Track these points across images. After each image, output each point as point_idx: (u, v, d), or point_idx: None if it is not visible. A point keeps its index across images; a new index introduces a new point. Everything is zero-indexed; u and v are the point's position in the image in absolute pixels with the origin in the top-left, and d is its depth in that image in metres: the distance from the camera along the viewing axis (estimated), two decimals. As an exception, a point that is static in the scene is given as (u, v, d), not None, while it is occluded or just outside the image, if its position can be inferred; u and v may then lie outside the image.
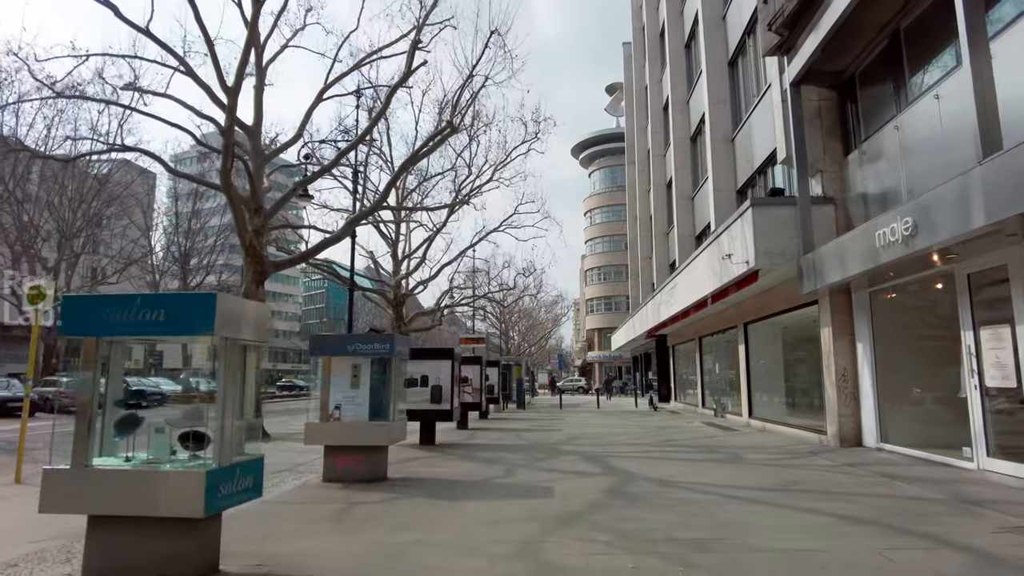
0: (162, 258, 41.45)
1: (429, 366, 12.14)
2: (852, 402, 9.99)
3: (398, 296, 29.26)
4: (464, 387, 16.01)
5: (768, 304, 13.45)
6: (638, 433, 14.13)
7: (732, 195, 16.09)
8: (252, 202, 16.04)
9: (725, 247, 12.02)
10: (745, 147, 15.51)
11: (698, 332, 20.33)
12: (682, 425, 16.15)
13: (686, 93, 21.94)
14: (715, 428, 14.88)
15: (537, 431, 15.01)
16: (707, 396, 20.01)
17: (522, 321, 57.30)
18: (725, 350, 17.89)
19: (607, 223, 65.02)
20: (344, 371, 8.33)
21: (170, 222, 42.15)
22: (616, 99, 67.07)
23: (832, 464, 8.49)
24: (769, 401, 14.30)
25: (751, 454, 9.91)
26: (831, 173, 10.62)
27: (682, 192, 21.43)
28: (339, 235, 15.80)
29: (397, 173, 15.60)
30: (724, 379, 18.09)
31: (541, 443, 12.12)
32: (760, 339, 14.89)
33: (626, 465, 8.84)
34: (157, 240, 42.08)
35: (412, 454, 10.73)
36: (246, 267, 15.77)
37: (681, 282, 17.04)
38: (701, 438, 12.78)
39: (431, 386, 12.05)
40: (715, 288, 13.26)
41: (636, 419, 18.94)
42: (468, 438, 13.41)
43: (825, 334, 10.47)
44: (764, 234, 10.42)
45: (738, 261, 11.05)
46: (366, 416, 8.19)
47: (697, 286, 15.13)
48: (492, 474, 8.41)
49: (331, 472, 8.09)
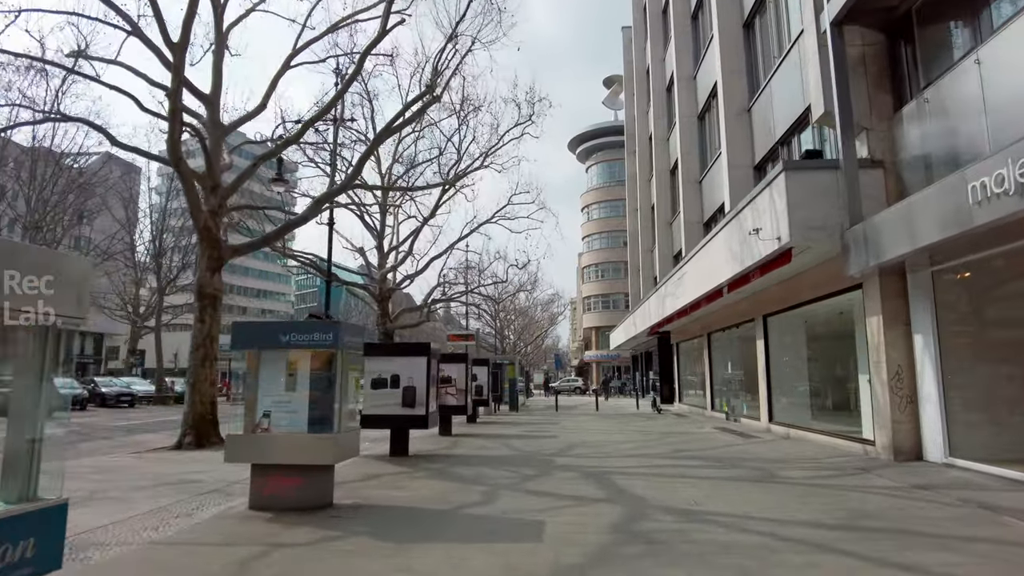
0: (144, 253, 39.56)
1: (401, 364, 10.33)
2: (909, 406, 8.22)
3: (383, 291, 27.45)
4: (446, 388, 14.23)
5: (793, 292, 11.69)
6: (644, 441, 12.35)
7: (749, 172, 14.32)
8: (208, 179, 14.22)
9: (749, 223, 10.24)
10: (764, 117, 13.75)
11: (707, 328, 18.57)
12: (692, 431, 14.38)
13: (692, 68, 20.17)
14: (731, 434, 13.12)
15: (529, 438, 13.22)
16: (717, 398, 18.24)
17: (518, 320, 55.56)
18: (739, 347, 16.13)
19: (605, 219, 63.28)
20: (277, 369, 6.52)
21: (147, 216, 40.28)
22: (614, 92, 65.38)
23: (897, 486, 6.72)
24: (794, 404, 12.53)
25: (786, 469, 8.13)
26: (879, 132, 8.85)
27: (689, 175, 19.67)
28: (306, 215, 13.99)
29: (372, 145, 13.81)
30: (738, 379, 16.33)
31: (532, 454, 10.32)
32: (783, 333, 13.13)
33: (635, 486, 7.04)
34: (138, 236, 40.18)
35: (377, 469, 8.93)
36: (200, 252, 13.95)
37: (690, 271, 15.27)
38: (718, 447, 11.00)
39: (403, 388, 10.24)
40: (734, 274, 11.48)
41: (639, 423, 17.17)
42: (449, 447, 11.62)
43: (872, 325, 8.70)
44: (800, 204, 8.65)
45: (767, 237, 9.27)
46: (304, 426, 6.38)
47: (710, 274, 13.36)
48: (467, 500, 6.60)
49: (258, 498, 6.29)
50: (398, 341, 26.91)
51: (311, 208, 13.89)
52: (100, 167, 38.01)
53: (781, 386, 13.17)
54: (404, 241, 28.00)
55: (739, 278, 11.61)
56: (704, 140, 19.35)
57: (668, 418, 19.04)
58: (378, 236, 28.12)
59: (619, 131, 60.44)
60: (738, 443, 11.54)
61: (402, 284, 28.39)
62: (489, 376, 18.42)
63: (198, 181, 14.06)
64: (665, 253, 24.12)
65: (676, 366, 24.49)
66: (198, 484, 7.74)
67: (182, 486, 7.65)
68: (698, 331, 19.69)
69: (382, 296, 27.47)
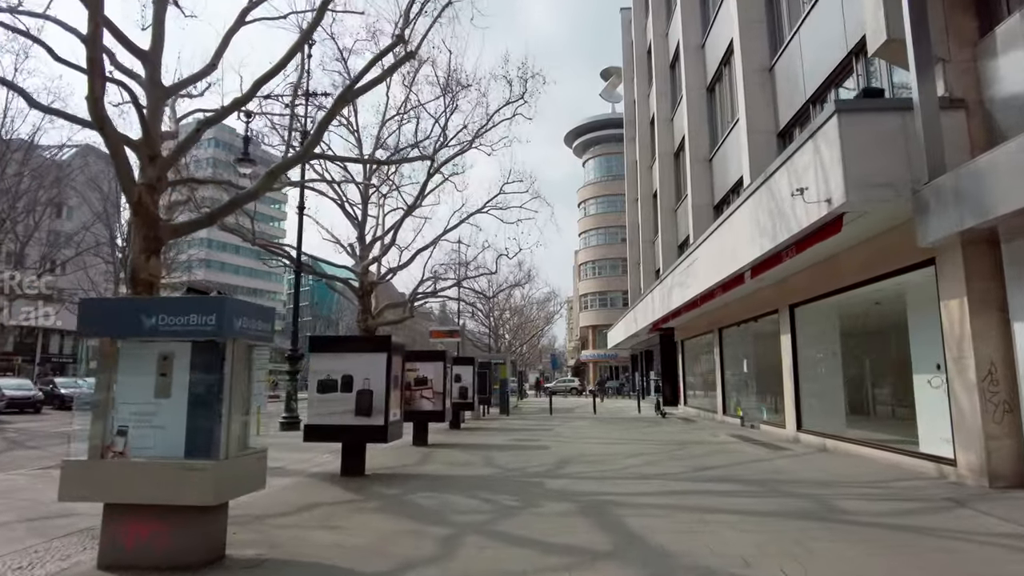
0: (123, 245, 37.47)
1: (354, 362, 8.33)
2: (1007, 416, 6.27)
3: (365, 285, 25.43)
4: (421, 391, 12.25)
5: (829, 276, 9.76)
6: (653, 454, 10.39)
7: (772, 139, 12.40)
8: (145, 147, 12.19)
9: (785, 188, 8.30)
10: (790, 74, 11.83)
11: (717, 322, 16.64)
12: (706, 440, 12.42)
13: (700, 36, 18.26)
14: (753, 445, 11.17)
15: (517, 449, 11.25)
16: (731, 401, 16.30)
17: (513, 318, 53.59)
18: (759, 343, 14.20)
19: (602, 214, 61.37)
20: (142, 367, 4.54)
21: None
22: (612, 84, 63.56)
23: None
24: (829, 410, 10.59)
25: (850, 499, 6.17)
26: (959, 64, 6.92)
27: (697, 154, 17.74)
28: (256, 189, 11.95)
29: (335, 106, 11.77)
30: (756, 380, 14.40)
31: (517, 474, 8.35)
32: (815, 326, 11.19)
33: (653, 529, 5.08)
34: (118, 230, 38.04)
35: (318, 494, 6.97)
36: (135, 232, 11.93)
37: (703, 256, 13.33)
38: (743, 463, 9.05)
39: (356, 392, 8.26)
40: (762, 253, 9.54)
41: (643, 429, 15.21)
42: (419, 463, 9.64)
43: (952, 311, 6.75)
44: (858, 155, 6.71)
45: (813, 200, 7.32)
46: (180, 449, 4.41)
47: (729, 257, 11.43)
48: (415, 553, 4.62)
49: (112, 551, 4.35)
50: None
51: (263, 181, 11.85)
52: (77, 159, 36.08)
53: (813, 388, 11.23)
54: (387, 232, 26.01)
55: (768, 258, 9.67)
56: (714, 114, 17.42)
57: (674, 423, 17.08)
58: (359, 226, 26.10)
59: (617, 124, 58.53)
60: (767, 457, 9.59)
61: (385, 277, 26.36)
62: (475, 376, 16.45)
63: (132, 149, 12.06)
64: (669, 242, 22.17)
65: (681, 366, 22.55)
66: (78, 518, 5.75)
67: (52, 521, 5.71)
68: (707, 327, 17.76)
69: (363, 291, 25.44)
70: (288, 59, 12.34)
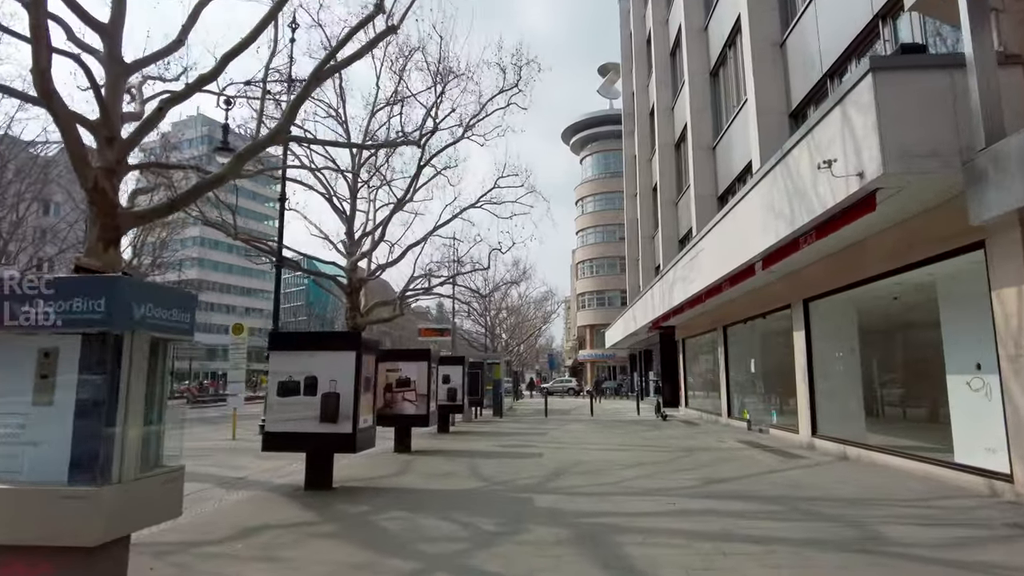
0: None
1: (319, 362, 7.37)
2: (1077, 424, 5.34)
3: (353, 282, 24.43)
4: (403, 393, 11.28)
5: (850, 266, 8.83)
6: (656, 463, 9.43)
7: (783, 119, 11.47)
8: (103, 128, 11.22)
9: (806, 163, 7.36)
10: (804, 48, 10.90)
11: (722, 320, 15.70)
12: (712, 446, 11.47)
13: (703, 17, 17.35)
14: (764, 451, 10.23)
15: (506, 457, 10.29)
16: (736, 403, 15.36)
17: (510, 318, 52.62)
18: (768, 341, 13.27)
19: (600, 212, 60.44)
20: (15, 366, 3.57)
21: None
22: (610, 80, 62.67)
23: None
24: (849, 413, 9.64)
25: (893, 523, 5.21)
26: (1016, 15, 5.98)
27: (700, 141, 16.80)
28: (224, 173, 10.95)
29: (309, 82, 10.78)
30: (765, 380, 13.46)
31: (503, 488, 7.38)
32: (832, 321, 10.26)
33: (663, 561, 4.12)
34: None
35: (271, 512, 6.00)
36: (91, 220, 10.95)
37: (709, 248, 12.38)
38: (760, 474, 8.09)
39: (321, 395, 7.30)
40: (777, 240, 8.59)
41: (644, 433, 14.26)
42: (396, 473, 8.68)
43: (1007, 300, 5.81)
44: (898, 119, 5.76)
45: (842, 174, 6.37)
46: (63, 470, 3.43)
47: (738, 247, 10.49)
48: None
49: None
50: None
51: (231, 164, 10.85)
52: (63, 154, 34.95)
53: (830, 390, 10.29)
54: (378, 226, 25.01)
55: (784, 246, 8.73)
56: (718, 99, 16.49)
57: (676, 427, 16.14)
58: (347, 221, 25.10)
59: (615, 120, 57.59)
60: (782, 467, 8.64)
61: (374, 274, 25.37)
62: (465, 377, 15.48)
63: (89, 130, 11.07)
64: (669, 237, 21.23)
65: (682, 366, 21.61)
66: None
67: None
68: (710, 324, 16.82)
69: (352, 288, 24.45)
70: (259, 31, 11.32)
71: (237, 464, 10.00)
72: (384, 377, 11.38)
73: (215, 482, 8.11)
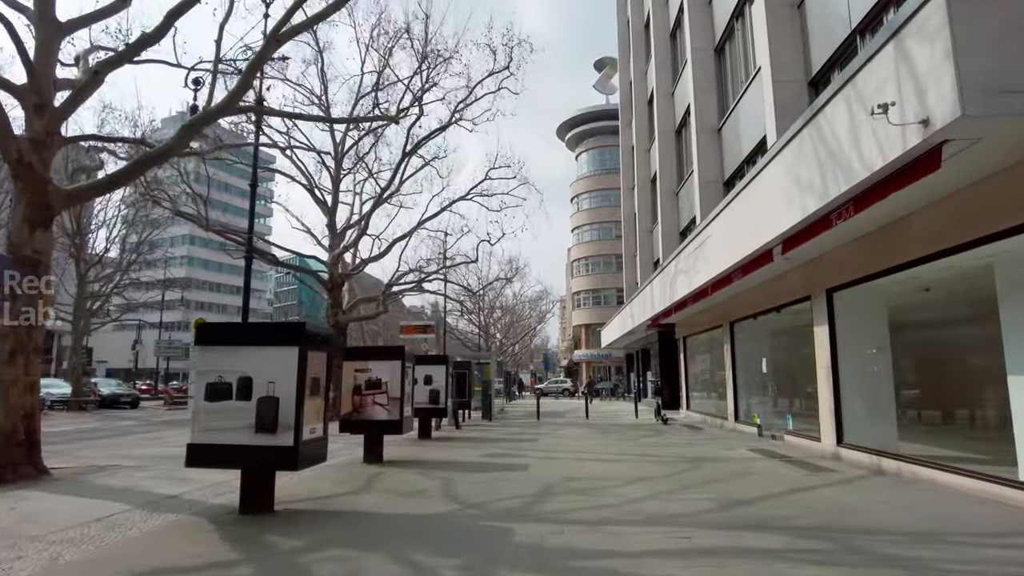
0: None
1: (256, 359, 6.06)
2: None
3: (335, 277, 23.09)
4: (374, 396, 9.97)
5: (887, 247, 7.58)
6: (662, 478, 8.14)
7: (802, 88, 10.23)
8: (31, 95, 9.88)
9: (839, 124, 6.09)
10: (824, 7, 9.65)
11: (728, 315, 14.44)
12: (723, 455, 10.20)
13: (708, -11, 16.10)
14: (784, 463, 8.96)
15: (489, 469, 8.98)
16: (745, 406, 14.10)
17: (504, 317, 51.37)
18: (782, 337, 12.03)
19: (596, 209, 59.22)
20: None
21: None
22: (606, 75, 61.49)
23: None
24: (882, 419, 8.38)
25: (984, 568, 3.95)
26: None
27: (704, 124, 15.55)
28: (169, 147, 9.63)
29: (267, 45, 9.50)
30: (779, 381, 12.20)
31: (478, 514, 6.08)
32: (863, 315, 9.01)
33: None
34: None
35: (185, 547, 4.70)
36: (16, 197, 9.61)
37: (717, 234, 11.12)
38: (787, 494, 6.81)
39: (257, 400, 5.99)
40: (804, 217, 7.32)
41: (644, 440, 12.98)
42: (358, 489, 7.37)
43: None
44: (979, 48, 4.51)
45: (899, 122, 5.09)
46: None
47: (751, 231, 9.23)
48: None
49: None
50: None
51: (179, 135, 9.56)
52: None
53: (860, 393, 9.03)
54: (364, 218, 23.67)
55: (812, 224, 7.46)
56: (724, 77, 15.25)
57: (678, 432, 14.86)
58: (329, 212, 23.76)
59: (611, 115, 56.41)
60: (810, 483, 7.36)
61: (357, 269, 24.03)
62: (449, 378, 14.14)
63: (15, 96, 9.75)
64: (670, 230, 19.98)
65: (683, 366, 20.34)
66: None
67: None
68: (715, 320, 15.56)
69: (333, 283, 23.11)
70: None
71: (181, 476, 8.66)
72: (352, 378, 10.10)
73: (140, 502, 6.80)
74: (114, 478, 8.61)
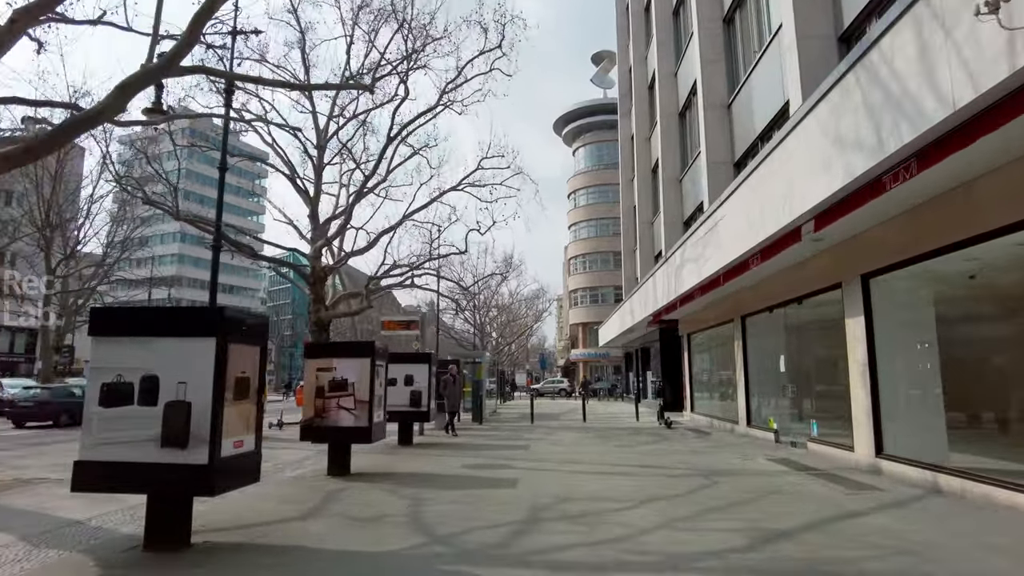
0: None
1: (163, 354, 4.74)
2: None
3: (317, 271, 21.71)
4: (339, 399, 8.65)
5: (938, 225, 6.28)
6: (675, 498, 6.80)
7: (830, 44, 8.92)
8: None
9: (901, 57, 4.79)
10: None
11: (740, 308, 13.15)
12: (740, 467, 8.89)
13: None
14: (815, 478, 7.66)
15: (469, 486, 7.65)
16: (759, 408, 12.80)
17: (500, 316, 49.98)
18: (803, 332, 10.72)
19: (593, 205, 57.91)
20: None
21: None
22: (604, 68, 60.28)
23: None
24: (933, 426, 7.07)
25: None
26: None
27: (712, 99, 14.26)
28: (102, 109, 8.28)
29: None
30: (799, 382, 10.90)
31: (447, 552, 4.73)
32: (906, 305, 7.72)
33: None
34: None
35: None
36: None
37: (732, 214, 9.82)
38: (835, 521, 5.50)
39: (164, 406, 4.67)
40: (849, 182, 6.00)
41: (648, 446, 11.67)
42: (307, 513, 6.03)
43: None
44: None
45: (1009, 25, 3.80)
46: None
47: (775, 206, 7.93)
48: None
49: None
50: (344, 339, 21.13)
51: (112, 96, 8.14)
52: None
53: (904, 395, 7.73)
54: (344, 211, 22.30)
55: (856, 191, 6.15)
56: (734, 48, 13.96)
57: (685, 437, 13.56)
58: (311, 201, 22.37)
59: (608, 109, 55.10)
60: (856, 506, 6.05)
61: (340, 262, 22.64)
62: (432, 378, 12.80)
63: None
64: (673, 219, 18.68)
65: (687, 365, 19.04)
66: None
67: None
68: (724, 315, 14.27)
69: (315, 277, 21.73)
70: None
71: (107, 496, 7.32)
72: (315, 378, 8.78)
73: (31, 531, 5.50)
74: (25, 496, 7.29)
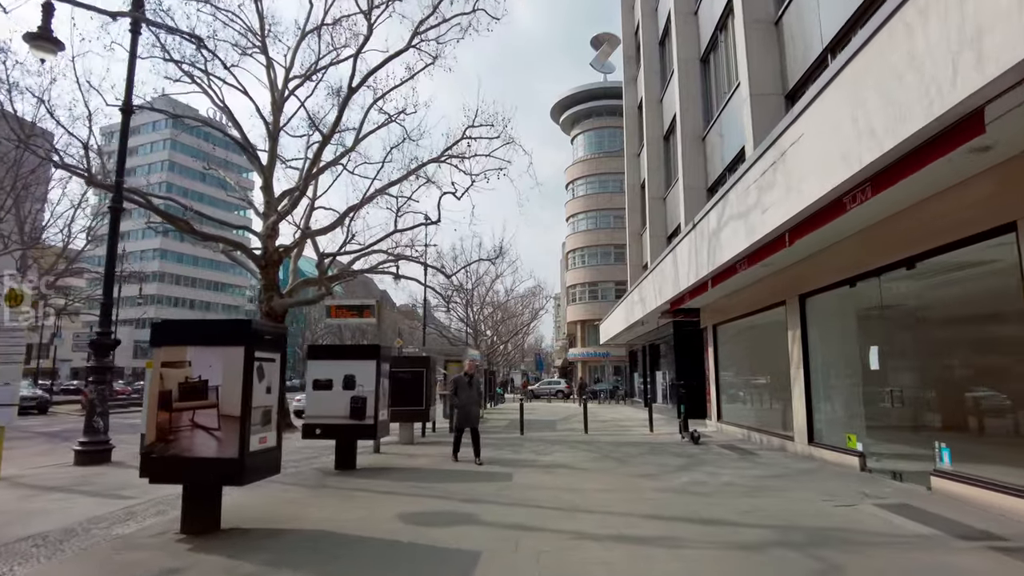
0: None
1: None
2: None
3: (270, 253, 18.30)
4: (193, 413, 5.25)
5: None
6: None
7: None
8: None
9: None
10: None
11: (795, 287, 9.78)
12: (842, 522, 5.49)
13: None
14: (1000, 555, 4.28)
15: (400, 564, 4.22)
16: (827, 420, 9.38)
17: (495, 313, 46.61)
18: (913, 314, 7.29)
19: (592, 195, 54.50)
20: None
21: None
22: (603, 53, 56.92)
23: None
24: None
25: None
26: None
27: (753, 14, 10.89)
28: None
29: None
30: (907, 385, 7.45)
31: None
32: None
33: None
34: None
35: None
36: None
37: (815, 127, 6.45)
38: None
39: None
40: None
41: (684, 478, 8.27)
42: None
43: None
44: None
45: None
46: None
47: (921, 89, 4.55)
48: None
49: None
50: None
51: None
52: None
53: None
54: (305, 181, 18.89)
55: None
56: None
57: (723, 458, 10.16)
58: (264, 170, 18.96)
59: (609, 94, 51.80)
60: None
61: (298, 244, 19.19)
62: (380, 378, 9.38)
63: None
64: (695, 183, 15.31)
65: (712, 363, 15.66)
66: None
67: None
68: (769, 297, 10.90)
69: (268, 260, 18.31)
70: None
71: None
72: (159, 379, 5.40)
73: None
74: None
